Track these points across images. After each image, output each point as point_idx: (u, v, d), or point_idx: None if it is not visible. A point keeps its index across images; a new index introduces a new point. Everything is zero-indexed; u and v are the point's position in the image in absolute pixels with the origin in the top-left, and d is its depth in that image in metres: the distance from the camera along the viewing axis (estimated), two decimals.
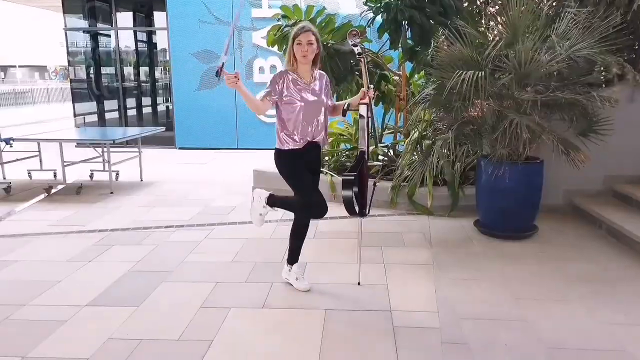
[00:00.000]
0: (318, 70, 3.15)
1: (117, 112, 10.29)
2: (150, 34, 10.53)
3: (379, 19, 4.50)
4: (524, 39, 3.74)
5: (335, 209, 4.33)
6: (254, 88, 9.40)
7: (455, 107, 3.92)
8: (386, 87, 5.78)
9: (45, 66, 46.75)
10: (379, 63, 5.43)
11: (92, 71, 10.36)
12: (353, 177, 3.03)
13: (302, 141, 3.00)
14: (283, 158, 3.06)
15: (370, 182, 3.34)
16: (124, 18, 10.75)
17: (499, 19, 4.33)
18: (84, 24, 10.36)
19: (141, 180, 6.71)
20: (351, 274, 3.40)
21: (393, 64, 5.77)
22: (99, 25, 10.20)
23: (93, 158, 6.36)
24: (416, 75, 5.55)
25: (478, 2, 4.88)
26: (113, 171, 6.60)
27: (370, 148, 4.04)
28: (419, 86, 5.88)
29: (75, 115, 10.11)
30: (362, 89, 3.20)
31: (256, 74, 9.22)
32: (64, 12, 9.69)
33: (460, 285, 3.21)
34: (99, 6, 10.15)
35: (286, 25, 4.63)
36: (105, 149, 6.17)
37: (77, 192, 5.98)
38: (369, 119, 3.18)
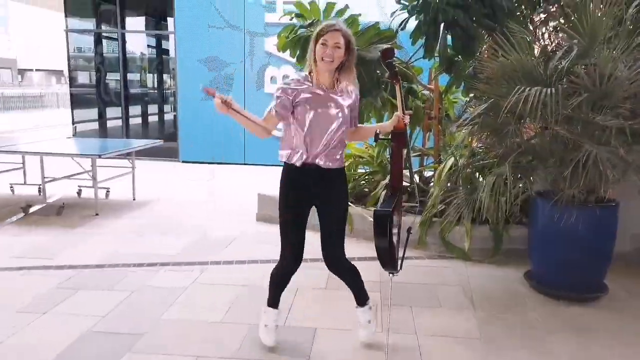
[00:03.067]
0: (349, 83, 2.43)
1: (119, 121, 9.64)
2: (159, 39, 9.90)
3: (413, 21, 3.71)
4: (601, 50, 2.92)
5: (353, 248, 3.54)
6: (264, 99, 8.71)
7: (510, 132, 3.11)
8: (414, 103, 4.99)
9: (62, 70, 46.84)
10: (407, 75, 4.63)
11: (93, 76, 9.74)
12: (389, 212, 2.27)
13: (302, 157, 2.35)
14: (282, 173, 2.47)
15: (398, 223, 2.55)
16: (132, 22, 10.19)
17: (561, 22, 3.53)
18: (87, 25, 9.79)
19: (134, 199, 5.98)
20: (374, 347, 2.59)
21: (422, 76, 4.97)
22: (103, 27, 9.60)
23: (78, 173, 5.64)
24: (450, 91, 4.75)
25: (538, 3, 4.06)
26: (103, 188, 5.90)
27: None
28: (454, 103, 5.08)
29: (73, 123, 9.45)
30: (396, 113, 2.48)
31: (267, 84, 8.49)
32: (66, 12, 9.08)
33: None
34: (103, 8, 9.55)
35: (301, 26, 3.86)
36: (93, 164, 5.45)
37: (57, 212, 5.27)
38: (405, 149, 2.43)
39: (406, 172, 2.87)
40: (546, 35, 4.98)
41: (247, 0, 8.33)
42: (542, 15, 4.94)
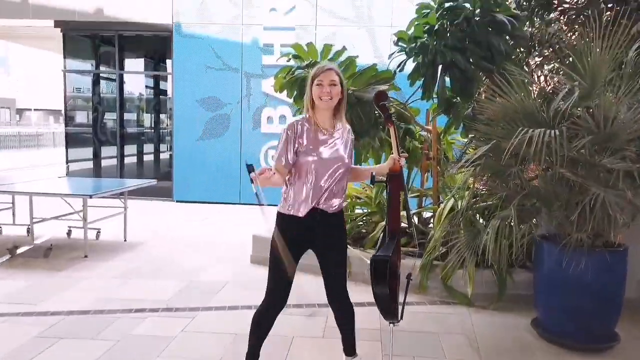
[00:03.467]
0: (343, 122, 2.44)
1: (114, 160, 9.56)
2: (156, 80, 9.97)
3: (410, 63, 3.70)
4: (602, 92, 2.88)
5: (351, 293, 3.38)
6: (261, 139, 8.70)
7: (512, 174, 3.02)
8: (411, 143, 4.94)
9: (60, 110, 47.26)
10: (405, 116, 4.60)
11: (90, 116, 9.73)
12: (387, 258, 2.19)
13: (305, 207, 2.32)
14: (278, 223, 2.39)
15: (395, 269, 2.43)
16: (131, 63, 10.29)
17: (557, 65, 3.52)
18: (86, 66, 9.86)
19: (125, 240, 5.81)
20: None
21: (420, 117, 4.95)
22: (102, 68, 9.68)
23: (68, 214, 5.49)
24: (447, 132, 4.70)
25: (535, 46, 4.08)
26: (93, 229, 5.75)
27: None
28: (451, 144, 5.04)
29: (67, 162, 9.36)
30: (391, 155, 2.44)
31: (264, 124, 8.49)
32: (65, 53, 9.16)
33: None
34: (102, 50, 9.65)
35: (298, 67, 3.84)
36: (84, 204, 5.30)
37: (45, 254, 5.08)
38: (402, 191, 2.36)
39: (403, 213, 2.77)
40: (542, 78, 5.02)
41: (245, 42, 8.45)
42: (538, 59, 4.99)
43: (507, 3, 3.89)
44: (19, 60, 42.10)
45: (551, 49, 4.68)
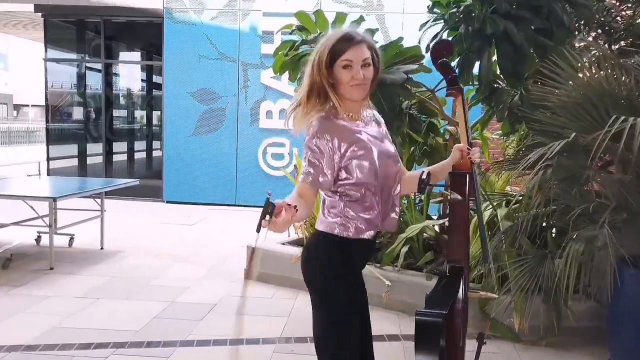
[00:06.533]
0: (369, 106, 1.72)
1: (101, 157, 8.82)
2: (148, 71, 9.23)
3: (445, 36, 2.94)
4: None
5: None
6: (259, 134, 7.95)
7: (585, 179, 2.27)
8: (434, 140, 4.19)
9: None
10: (428, 108, 3.84)
11: (75, 111, 9.01)
12: (441, 319, 1.44)
13: (375, 224, 1.59)
14: (329, 252, 1.59)
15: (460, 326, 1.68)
16: (124, 55, 9.58)
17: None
18: (70, 55, 9.14)
19: (101, 248, 5.06)
20: None
21: (446, 108, 4.20)
22: (87, 58, 8.95)
23: (32, 219, 4.71)
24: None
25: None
26: (66, 234, 5.00)
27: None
28: (489, 141, 4.28)
29: (48, 159, 8.61)
30: (456, 146, 1.67)
31: (262, 119, 7.74)
32: (46, 40, 8.40)
33: None
34: (88, 37, 8.91)
35: (303, 42, 3.07)
36: (50, 207, 4.54)
37: (3, 265, 4.33)
38: (473, 199, 1.62)
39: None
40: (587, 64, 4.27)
41: (243, 29, 7.71)
42: (582, 43, 4.25)
43: None
44: (18, 55, 41.32)
45: (605, 28, 3.95)
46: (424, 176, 1.54)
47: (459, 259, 1.57)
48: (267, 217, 1.24)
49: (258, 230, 1.25)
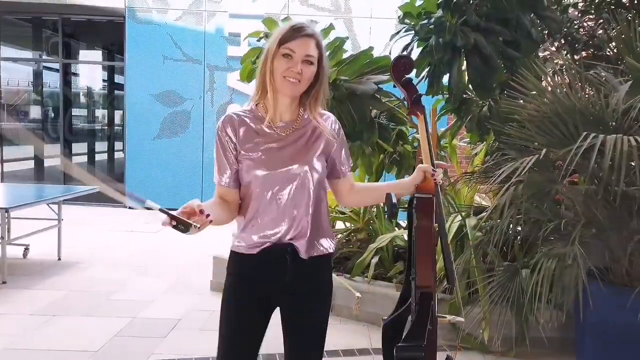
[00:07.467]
0: (316, 111, 1.55)
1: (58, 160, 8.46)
2: (110, 72, 8.93)
3: (416, 47, 2.92)
4: None
5: (335, 335, 2.59)
6: None
7: (552, 194, 2.28)
8: (402, 147, 4.19)
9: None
10: (398, 115, 3.82)
11: (31, 110, 8.63)
12: (422, 354, 1.41)
13: (259, 240, 1.53)
14: (228, 267, 1.62)
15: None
16: (79, 52, 9.22)
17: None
18: (26, 54, 8.74)
19: (59, 259, 4.83)
20: None
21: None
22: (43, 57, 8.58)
23: None
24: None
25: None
26: (19, 245, 4.75)
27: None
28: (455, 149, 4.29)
29: (2, 162, 8.19)
30: (420, 165, 1.59)
31: None
32: (0, 38, 8.00)
33: None
34: (45, 35, 8.54)
35: None
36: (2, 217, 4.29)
37: None
38: (437, 224, 1.58)
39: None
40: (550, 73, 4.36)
41: (208, 31, 7.55)
42: (546, 53, 4.33)
43: None
44: None
45: (568, 39, 4.03)
46: (394, 200, 1.48)
47: (428, 285, 1.53)
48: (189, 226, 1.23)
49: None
